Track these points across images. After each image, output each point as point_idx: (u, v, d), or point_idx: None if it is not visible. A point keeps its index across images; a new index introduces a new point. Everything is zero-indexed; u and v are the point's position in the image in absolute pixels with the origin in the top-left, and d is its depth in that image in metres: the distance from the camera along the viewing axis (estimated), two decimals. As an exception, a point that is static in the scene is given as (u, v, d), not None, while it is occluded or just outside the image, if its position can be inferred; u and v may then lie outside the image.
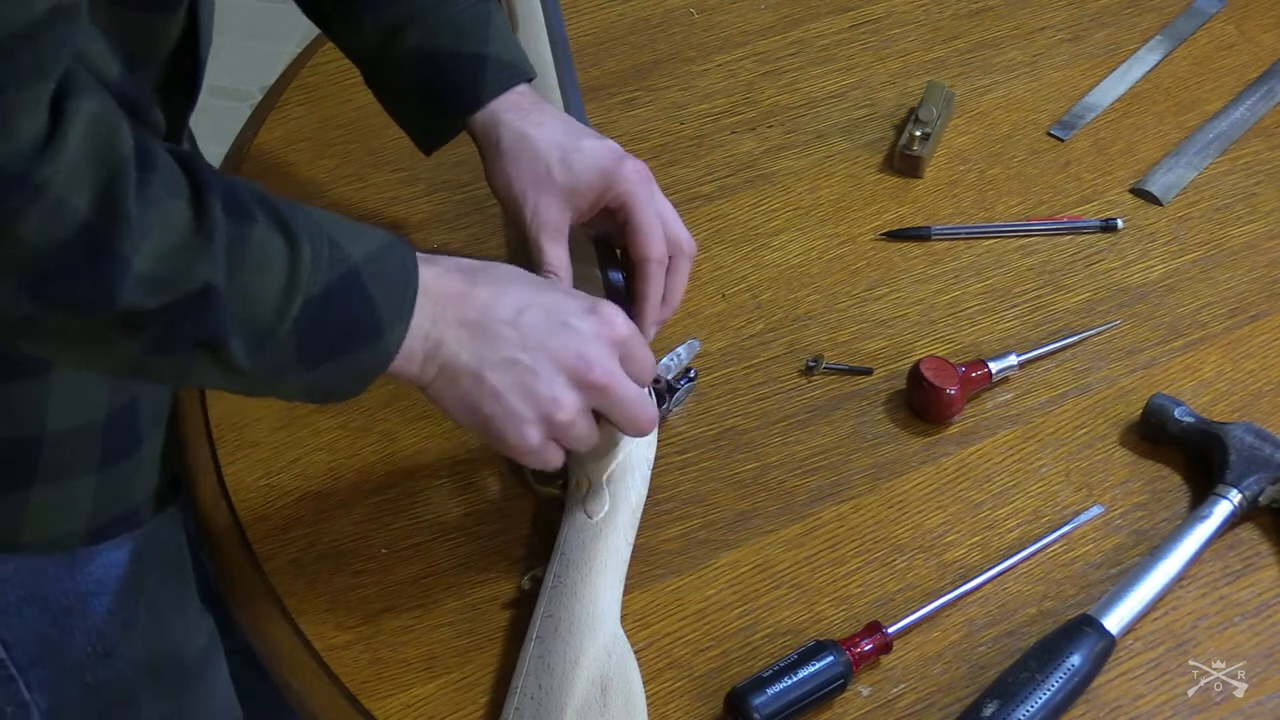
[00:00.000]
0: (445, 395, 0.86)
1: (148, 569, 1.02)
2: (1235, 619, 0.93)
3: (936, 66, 1.26)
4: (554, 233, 0.98)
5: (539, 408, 0.86)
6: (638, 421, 0.89)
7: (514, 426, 0.86)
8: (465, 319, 0.85)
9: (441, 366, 0.85)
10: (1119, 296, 1.10)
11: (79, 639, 1.01)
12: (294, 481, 0.98)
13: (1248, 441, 0.97)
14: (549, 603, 0.89)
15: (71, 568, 0.99)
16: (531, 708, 0.85)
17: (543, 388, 0.85)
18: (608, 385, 0.87)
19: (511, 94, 1.01)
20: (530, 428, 0.86)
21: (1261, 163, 1.20)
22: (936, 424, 1.02)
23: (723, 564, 0.95)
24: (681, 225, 1.01)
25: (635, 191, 0.98)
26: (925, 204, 1.16)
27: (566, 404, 0.86)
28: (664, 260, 0.99)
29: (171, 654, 1.08)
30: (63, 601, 0.99)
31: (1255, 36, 1.29)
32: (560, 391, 0.86)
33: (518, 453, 0.87)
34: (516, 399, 0.85)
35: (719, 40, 1.27)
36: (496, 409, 0.86)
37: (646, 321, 0.99)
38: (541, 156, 0.98)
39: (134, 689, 1.06)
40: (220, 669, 1.14)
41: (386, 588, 0.94)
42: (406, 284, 0.83)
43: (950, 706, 0.88)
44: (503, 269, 0.89)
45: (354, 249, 0.81)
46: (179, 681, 1.10)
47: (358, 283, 0.81)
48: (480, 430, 0.87)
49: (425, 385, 0.86)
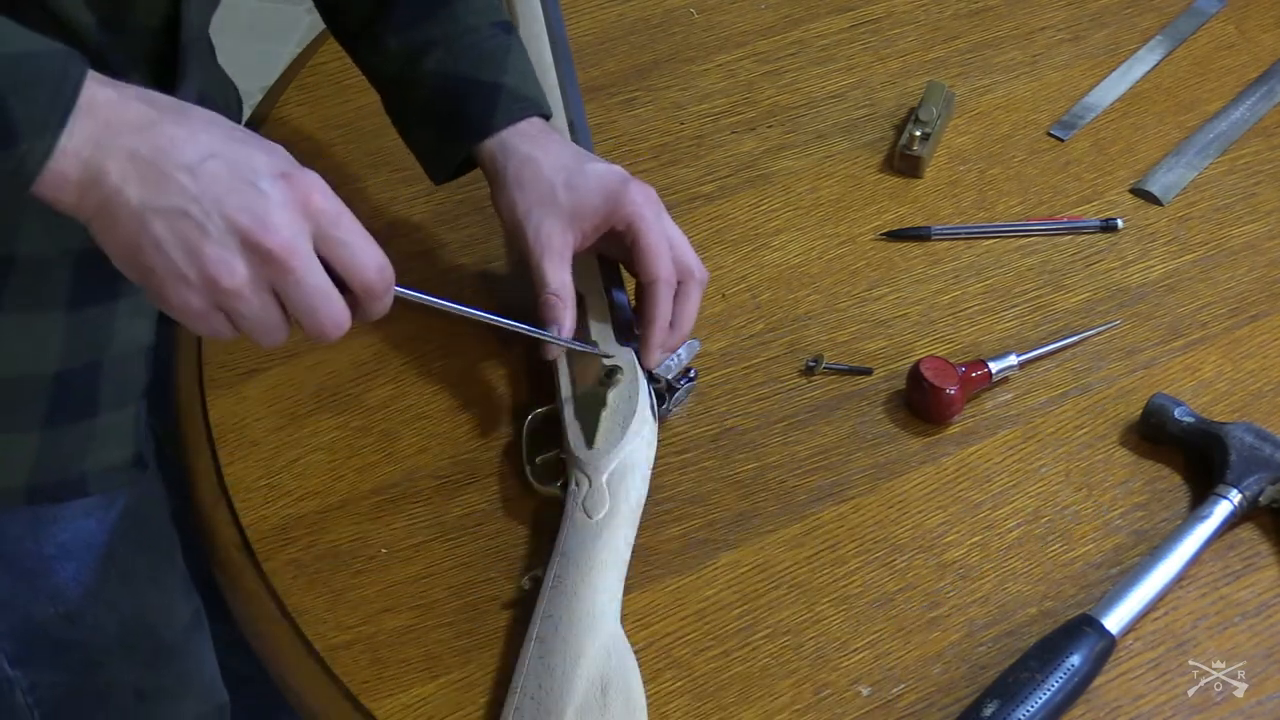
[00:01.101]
0: (105, 236, 0.78)
1: (120, 540, 1.03)
2: (1235, 619, 0.93)
3: (936, 66, 1.26)
4: (556, 256, 0.97)
5: (202, 269, 0.77)
6: (316, 315, 0.80)
7: (174, 285, 0.77)
8: (137, 154, 0.76)
9: (102, 203, 0.77)
10: (1119, 296, 1.10)
11: (42, 599, 1.02)
12: (294, 481, 0.98)
13: (1248, 441, 0.97)
14: (549, 603, 0.89)
15: (35, 528, 0.99)
16: (531, 708, 0.85)
17: (210, 248, 0.77)
18: (285, 259, 0.78)
19: (523, 124, 1.00)
20: (192, 291, 0.78)
21: (1261, 163, 1.20)
22: (936, 424, 1.02)
23: (723, 564, 0.95)
24: (692, 251, 1.00)
25: (641, 214, 0.97)
26: (925, 204, 1.16)
27: (235, 271, 0.77)
28: (671, 282, 0.98)
29: (146, 627, 1.09)
30: (25, 562, 1.00)
31: (1255, 36, 1.29)
32: (229, 255, 0.77)
33: (179, 316, 0.79)
34: (179, 254, 0.77)
35: (719, 40, 1.27)
36: (158, 261, 0.77)
37: (652, 346, 0.98)
38: (546, 179, 0.98)
39: (103, 655, 1.07)
40: (204, 647, 1.15)
41: (386, 588, 0.94)
42: (58, 95, 0.75)
43: (950, 706, 0.88)
44: (203, 112, 0.80)
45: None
46: (153, 654, 1.10)
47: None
48: (142, 283, 0.79)
49: (87, 220, 0.78)
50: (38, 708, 1.07)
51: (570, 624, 0.88)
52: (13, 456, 0.95)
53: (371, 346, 1.05)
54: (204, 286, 0.77)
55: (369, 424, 1.01)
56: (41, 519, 0.99)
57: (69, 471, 0.98)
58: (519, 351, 1.05)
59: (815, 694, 0.89)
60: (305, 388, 1.03)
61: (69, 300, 0.93)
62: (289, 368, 1.04)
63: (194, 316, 0.78)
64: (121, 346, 0.97)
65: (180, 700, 1.15)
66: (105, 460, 0.99)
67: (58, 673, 1.06)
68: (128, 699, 1.11)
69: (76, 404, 0.96)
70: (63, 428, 0.96)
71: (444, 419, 1.02)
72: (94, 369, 0.95)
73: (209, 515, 0.98)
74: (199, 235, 0.76)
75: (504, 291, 1.08)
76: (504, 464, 0.99)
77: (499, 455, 1.00)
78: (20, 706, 1.06)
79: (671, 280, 0.98)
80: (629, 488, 0.93)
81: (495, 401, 1.03)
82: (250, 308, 0.78)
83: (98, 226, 0.77)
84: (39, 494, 0.98)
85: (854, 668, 0.90)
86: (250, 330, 0.79)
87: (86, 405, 0.96)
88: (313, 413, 1.02)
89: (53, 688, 1.07)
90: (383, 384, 1.04)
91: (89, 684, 1.09)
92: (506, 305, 0.98)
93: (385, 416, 1.02)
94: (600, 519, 0.92)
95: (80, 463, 0.98)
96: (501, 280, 1.09)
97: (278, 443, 1.00)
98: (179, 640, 1.12)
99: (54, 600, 1.02)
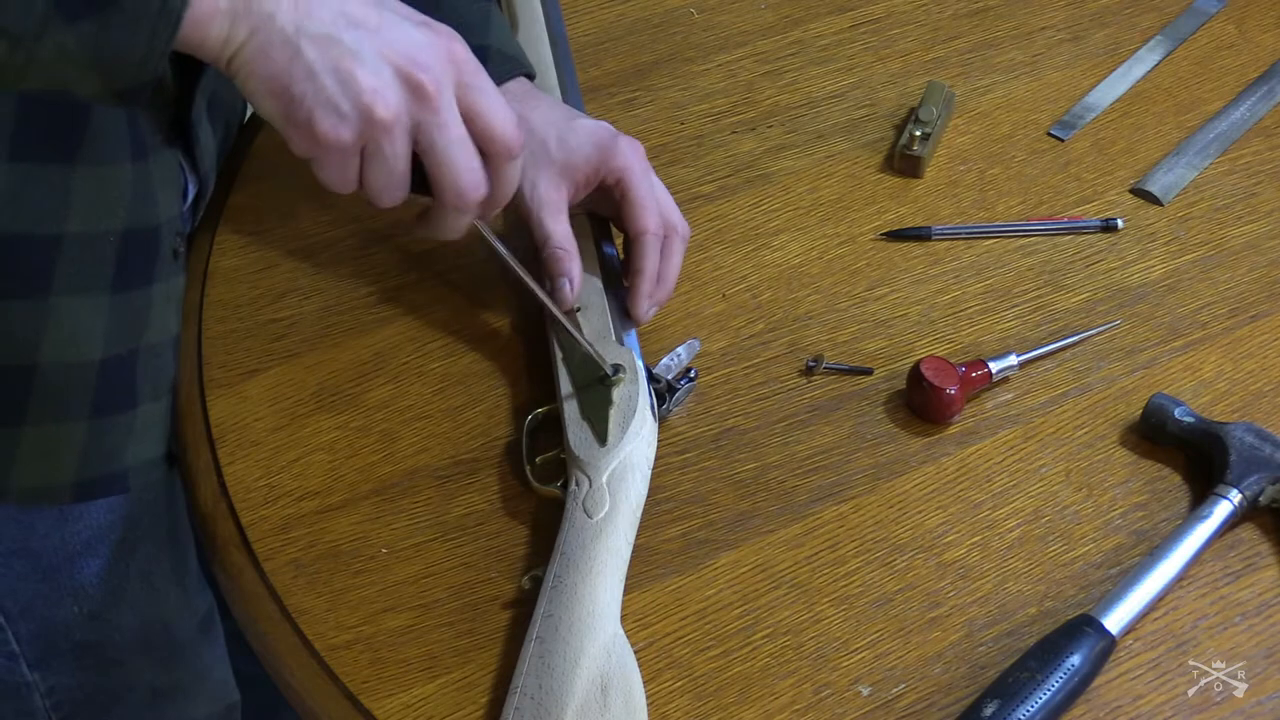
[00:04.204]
0: (253, 66, 0.75)
1: (142, 538, 1.03)
2: (1235, 619, 0.93)
3: (936, 66, 1.26)
4: (554, 209, 0.98)
5: (357, 98, 0.75)
6: (456, 166, 0.78)
7: (326, 114, 0.75)
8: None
9: (253, 30, 0.74)
10: (1119, 296, 1.10)
11: (66, 598, 1.01)
12: (294, 481, 0.98)
13: (1248, 441, 0.97)
14: (549, 603, 0.89)
15: (61, 525, 0.99)
16: (531, 708, 0.85)
17: (365, 77, 0.75)
18: (435, 98, 0.76)
19: (512, 84, 1.01)
20: (344, 123, 0.75)
21: (1261, 163, 1.20)
22: (936, 424, 1.02)
23: (723, 564, 0.95)
24: (675, 207, 1.02)
25: (630, 166, 0.99)
26: (925, 204, 1.16)
27: (390, 102, 0.75)
28: (659, 234, 0.99)
29: (164, 626, 1.09)
30: (51, 558, 1.00)
31: (1255, 36, 1.29)
32: (384, 85, 0.75)
33: (323, 149, 0.77)
34: (332, 82, 0.74)
35: (719, 40, 1.28)
36: (309, 89, 0.75)
37: (641, 295, 0.99)
38: (538, 135, 0.98)
39: (124, 654, 1.07)
40: (217, 647, 1.15)
41: (386, 588, 0.94)
42: None
43: (950, 706, 0.88)
44: None
45: None
46: (169, 654, 1.10)
47: None
48: (285, 115, 0.76)
49: (232, 54, 0.75)
50: (55, 711, 1.07)
51: (570, 624, 0.88)
52: (63, 450, 0.95)
53: (371, 346, 1.05)
54: (357, 117, 0.75)
55: (369, 424, 1.01)
56: (68, 516, 0.99)
57: (113, 465, 0.98)
58: (519, 351, 1.05)
59: (815, 694, 0.89)
60: (305, 388, 1.03)
61: (113, 283, 0.93)
62: (289, 368, 1.04)
63: (338, 152, 0.75)
64: (156, 334, 0.98)
65: (194, 699, 1.15)
66: (143, 454, 1.00)
67: (77, 674, 1.06)
68: (143, 698, 1.11)
69: (120, 394, 0.95)
70: (109, 418, 0.96)
71: (444, 419, 1.02)
72: (133, 357, 0.95)
73: (209, 515, 0.98)
74: (353, 63, 0.74)
75: (506, 284, 1.08)
76: (504, 464, 0.99)
77: (499, 455, 1.00)
78: (39, 710, 1.06)
79: (659, 232, 0.99)
80: (629, 488, 0.93)
81: (495, 401, 1.03)
82: (393, 148, 0.76)
83: (246, 57, 0.74)
84: (84, 489, 0.97)
85: (854, 668, 0.90)
86: (377, 178, 0.77)
87: (127, 395, 0.96)
88: (313, 413, 1.02)
89: (71, 690, 1.07)
90: (383, 384, 1.04)
91: (107, 684, 1.09)
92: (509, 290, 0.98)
93: (385, 416, 1.02)
94: (600, 519, 0.92)
95: (122, 456, 0.98)
96: (502, 275, 1.09)
97: (278, 443, 1.00)
98: (194, 639, 1.12)
99: (77, 598, 1.02)
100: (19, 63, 0.72)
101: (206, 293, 1.08)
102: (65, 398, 0.93)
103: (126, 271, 0.94)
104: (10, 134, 0.85)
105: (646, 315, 1.00)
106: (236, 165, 1.16)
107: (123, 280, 0.94)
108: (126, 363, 0.95)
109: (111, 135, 0.90)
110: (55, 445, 0.95)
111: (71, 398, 0.94)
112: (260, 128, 1.19)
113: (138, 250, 0.94)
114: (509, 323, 1.07)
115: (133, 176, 0.92)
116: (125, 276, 0.94)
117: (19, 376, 0.91)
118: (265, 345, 1.05)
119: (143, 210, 0.94)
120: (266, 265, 1.10)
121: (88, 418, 0.95)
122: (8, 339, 0.90)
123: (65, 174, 0.84)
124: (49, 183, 0.88)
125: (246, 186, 1.15)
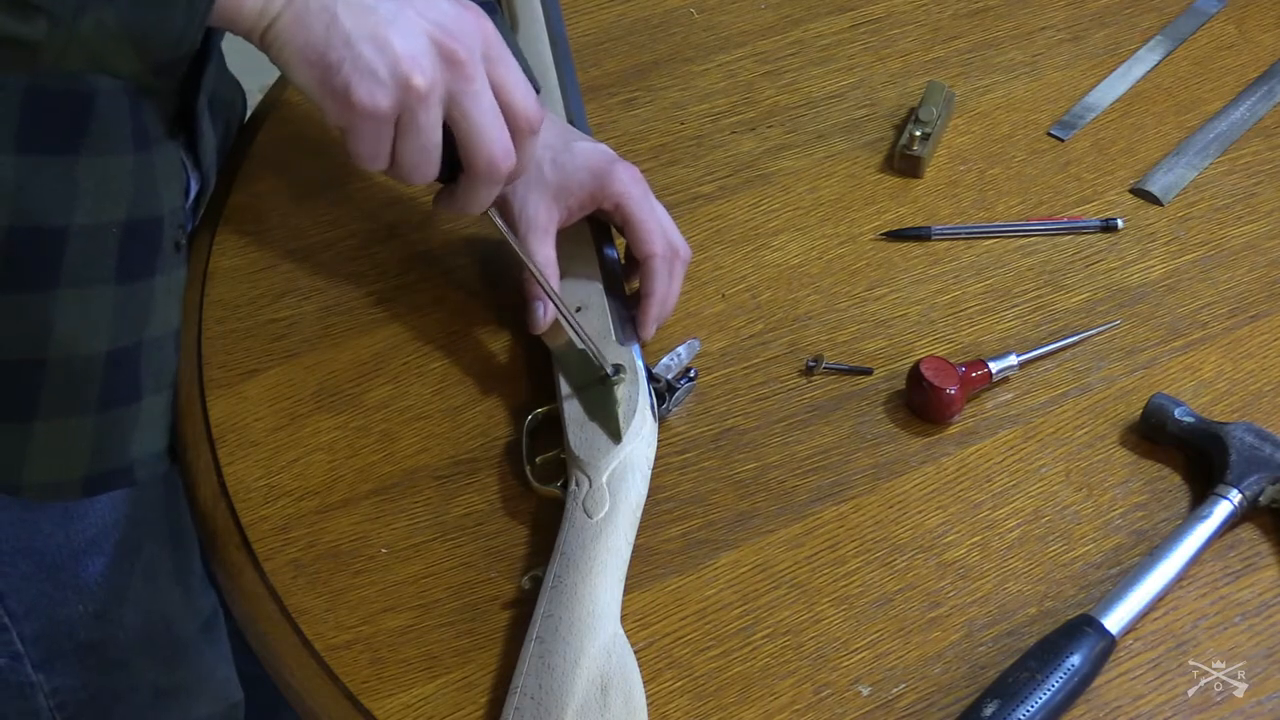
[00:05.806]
0: (289, 37, 0.76)
1: (146, 536, 1.03)
2: (1235, 619, 0.93)
3: (936, 66, 1.26)
4: (541, 232, 0.99)
5: (395, 65, 0.76)
6: (486, 136, 0.79)
7: (363, 81, 0.76)
8: None
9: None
10: (1119, 296, 1.10)
11: (70, 597, 1.01)
12: (294, 481, 0.98)
13: (1248, 441, 0.97)
14: (549, 603, 0.89)
15: (65, 523, 0.99)
16: (531, 708, 0.85)
17: (401, 44, 0.76)
18: (469, 67, 0.77)
19: None
20: (380, 90, 0.76)
21: (1261, 163, 1.20)
22: (936, 424, 1.02)
23: (723, 564, 0.95)
24: (676, 230, 1.02)
25: (628, 192, 0.99)
26: (925, 204, 1.16)
27: (426, 70, 0.76)
28: (668, 256, 1.00)
29: (167, 626, 1.09)
30: (55, 556, 0.99)
31: (1255, 36, 1.29)
32: (421, 54, 0.76)
33: (359, 115, 0.77)
34: (370, 49, 0.75)
35: (719, 40, 1.28)
36: (346, 55, 0.75)
37: (650, 319, 0.99)
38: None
39: (127, 654, 1.07)
40: (220, 647, 1.15)
41: (386, 588, 0.94)
42: None
43: (950, 706, 0.88)
44: None
45: None
46: (173, 654, 1.10)
47: None
48: (321, 83, 0.77)
49: (267, 25, 0.76)
50: (59, 711, 1.07)
51: (570, 624, 0.88)
52: (73, 445, 0.95)
53: (371, 346, 1.05)
54: (394, 84, 0.75)
55: (369, 424, 1.01)
56: (72, 513, 0.99)
57: (121, 459, 0.98)
58: (519, 351, 1.05)
59: (815, 694, 0.89)
60: (305, 388, 1.03)
61: (116, 275, 0.94)
62: (289, 368, 1.04)
63: (373, 120, 0.76)
64: (157, 327, 0.98)
65: (197, 699, 1.15)
66: (148, 448, 1.00)
67: (81, 674, 1.06)
68: (147, 698, 1.11)
69: (125, 386, 0.96)
70: (116, 411, 0.96)
71: (444, 419, 1.02)
72: (137, 349, 0.96)
73: (209, 515, 0.98)
74: (389, 30, 0.75)
75: (506, 284, 1.08)
76: (504, 464, 0.99)
77: (499, 455, 1.00)
78: (43, 710, 1.06)
79: (667, 254, 0.99)
80: (629, 488, 0.93)
81: (495, 401, 1.03)
82: (428, 118, 0.76)
83: (282, 26, 0.75)
84: (92, 484, 0.97)
85: (854, 668, 0.90)
86: (410, 152, 0.77)
87: (133, 388, 0.96)
88: (313, 413, 1.02)
89: (75, 690, 1.07)
90: (383, 384, 1.04)
91: (110, 684, 1.09)
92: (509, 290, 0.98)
93: (385, 416, 1.02)
94: (600, 519, 0.92)
95: (128, 450, 0.98)
96: (503, 275, 1.09)
97: (278, 443, 1.00)
98: (197, 638, 1.12)
99: (81, 597, 1.02)
100: (59, 42, 0.72)
101: (206, 292, 1.08)
102: (75, 391, 0.93)
103: (128, 263, 0.94)
104: (15, 126, 0.86)
105: (649, 335, 1.02)
106: (236, 165, 1.16)
107: (125, 272, 0.94)
108: (131, 355, 0.96)
109: (115, 126, 0.90)
110: (66, 440, 0.95)
111: (81, 391, 0.94)
112: (260, 128, 1.19)
113: (140, 242, 0.94)
114: (509, 323, 1.07)
115: (135, 167, 0.93)
116: (127, 268, 0.94)
117: (30, 371, 0.91)
118: (265, 345, 1.05)
119: (145, 201, 0.94)
120: (266, 265, 1.10)
121: (96, 411, 0.95)
122: (19, 333, 0.91)
123: (70, 165, 0.84)
124: (55, 174, 0.89)
125: (246, 186, 1.15)
